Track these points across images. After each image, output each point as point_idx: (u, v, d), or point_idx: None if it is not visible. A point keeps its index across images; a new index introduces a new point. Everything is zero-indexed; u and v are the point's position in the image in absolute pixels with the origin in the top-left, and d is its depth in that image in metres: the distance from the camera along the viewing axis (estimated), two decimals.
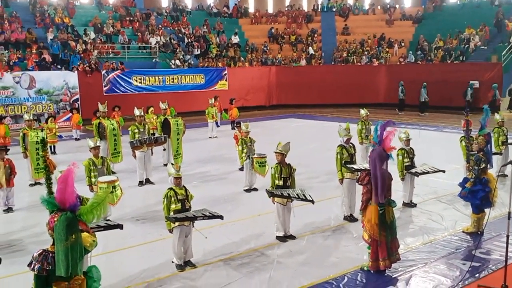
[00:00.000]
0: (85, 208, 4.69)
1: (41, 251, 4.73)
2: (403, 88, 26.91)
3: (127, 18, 29.96)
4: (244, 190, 11.69)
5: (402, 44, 31.14)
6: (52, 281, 4.64)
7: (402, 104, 27.05)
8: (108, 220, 8.72)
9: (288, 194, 8.14)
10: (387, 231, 6.94)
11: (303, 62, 30.71)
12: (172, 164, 13.57)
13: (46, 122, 17.64)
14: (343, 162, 9.38)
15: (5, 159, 10.15)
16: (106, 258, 7.62)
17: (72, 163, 4.97)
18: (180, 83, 26.77)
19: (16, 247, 8.36)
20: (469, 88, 25.32)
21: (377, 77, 29.01)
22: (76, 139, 19.25)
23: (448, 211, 9.89)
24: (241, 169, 12.59)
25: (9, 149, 11.24)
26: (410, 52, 29.69)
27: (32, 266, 4.66)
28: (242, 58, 30.36)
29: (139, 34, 28.71)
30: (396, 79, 27.80)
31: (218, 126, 20.51)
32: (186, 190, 7.55)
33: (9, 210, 10.30)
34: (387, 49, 30.85)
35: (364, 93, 28.42)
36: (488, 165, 8.52)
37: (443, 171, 10.29)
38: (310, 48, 31.76)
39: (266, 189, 8.44)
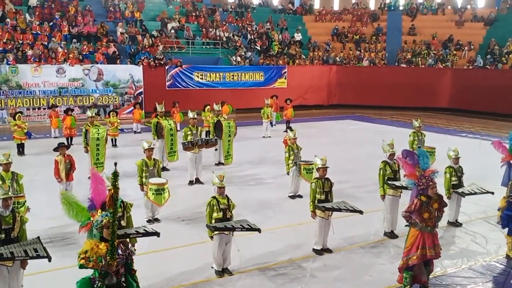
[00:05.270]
0: None
1: None
2: None
3: (193, 14, 30.71)
4: (289, 196, 11.88)
5: (472, 46, 29.89)
6: None
7: None
8: (146, 226, 9.16)
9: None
10: None
11: (365, 62, 30.29)
12: (222, 163, 14.20)
13: (108, 115, 18.53)
14: (385, 178, 9.34)
15: (65, 155, 10.84)
16: (148, 258, 8.04)
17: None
18: (239, 80, 27.25)
19: (69, 240, 8.97)
20: None
21: (441, 80, 28.10)
22: (135, 132, 20.12)
23: (494, 234, 9.60)
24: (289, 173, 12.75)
25: (69, 146, 12.00)
26: (479, 56, 28.46)
27: None
28: (303, 56, 30.36)
29: (203, 29, 29.37)
30: (462, 84, 26.90)
31: (272, 126, 20.70)
32: (228, 199, 7.79)
33: None
34: (455, 52, 29.78)
35: (427, 96, 27.78)
36: None
37: (492, 193, 9.93)
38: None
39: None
